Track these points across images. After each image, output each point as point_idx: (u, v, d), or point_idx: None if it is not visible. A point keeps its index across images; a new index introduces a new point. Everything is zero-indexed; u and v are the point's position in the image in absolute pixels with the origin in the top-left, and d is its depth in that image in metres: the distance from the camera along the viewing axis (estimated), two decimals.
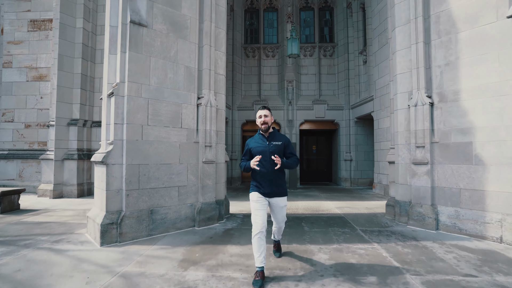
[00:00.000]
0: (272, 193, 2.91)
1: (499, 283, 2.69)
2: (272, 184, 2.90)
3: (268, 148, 2.91)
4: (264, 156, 2.87)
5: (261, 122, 2.95)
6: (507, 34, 3.87)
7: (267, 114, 2.95)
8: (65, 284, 2.67)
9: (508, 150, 3.84)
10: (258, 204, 2.87)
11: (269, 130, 3.00)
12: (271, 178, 2.89)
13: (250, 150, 3.01)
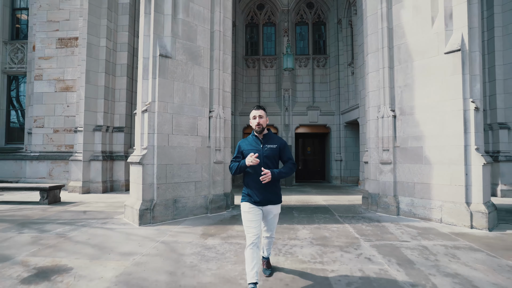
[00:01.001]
0: (265, 201, 2.63)
1: (422, 245, 3.92)
2: (265, 191, 2.61)
3: (262, 151, 2.63)
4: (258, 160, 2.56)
5: (256, 124, 2.67)
6: (445, 66, 5.11)
7: (261, 115, 2.70)
8: (125, 246, 3.92)
9: (447, 153, 5.08)
10: (251, 215, 2.61)
11: (264, 132, 2.74)
12: (264, 184, 2.58)
13: (242, 152, 2.73)
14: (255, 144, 2.71)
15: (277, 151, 2.71)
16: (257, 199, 2.61)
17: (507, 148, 8.21)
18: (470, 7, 5.00)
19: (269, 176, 2.50)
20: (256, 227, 2.57)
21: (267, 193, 2.63)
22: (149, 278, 2.92)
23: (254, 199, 2.62)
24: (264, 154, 2.63)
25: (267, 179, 2.50)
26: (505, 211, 6.15)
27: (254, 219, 2.59)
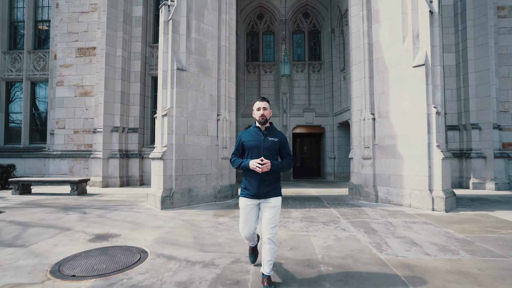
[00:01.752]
0: (263, 194, 2.57)
1: (388, 221, 4.99)
2: (263, 184, 2.56)
3: (263, 143, 2.59)
4: (257, 152, 2.58)
5: (260, 115, 2.63)
6: (413, 77, 6.18)
7: (266, 107, 2.65)
8: (154, 222, 4.99)
9: (415, 150, 6.15)
10: (246, 211, 2.65)
11: (266, 124, 2.69)
12: (264, 177, 2.54)
13: (243, 144, 2.70)
14: (257, 136, 2.65)
15: (278, 145, 2.66)
16: (255, 192, 2.57)
17: (479, 146, 9.27)
18: (432, 29, 6.06)
19: (268, 166, 2.46)
20: (251, 224, 2.68)
21: (265, 186, 2.56)
22: (179, 240, 4.00)
23: (252, 192, 2.58)
24: (265, 146, 2.59)
25: (266, 168, 2.45)
26: (469, 199, 7.23)
27: (249, 218, 2.65)
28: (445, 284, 2.60)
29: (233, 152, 2.80)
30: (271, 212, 2.57)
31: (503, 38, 9.82)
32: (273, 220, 2.55)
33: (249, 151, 2.63)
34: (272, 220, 2.55)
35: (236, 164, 2.67)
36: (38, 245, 3.74)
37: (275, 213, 2.57)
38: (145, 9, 11.10)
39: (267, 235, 2.52)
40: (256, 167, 2.46)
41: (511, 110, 9.77)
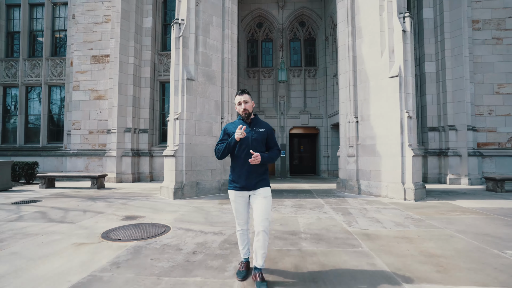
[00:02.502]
0: (252, 185, 2.54)
1: (363, 207, 6.04)
2: (251, 175, 2.52)
3: (250, 134, 2.55)
4: (245, 144, 2.52)
5: (242, 110, 2.58)
6: (389, 86, 7.22)
7: (246, 100, 2.58)
8: (169, 208, 6.03)
9: (390, 148, 7.19)
10: (237, 204, 2.61)
11: (251, 117, 2.65)
12: (251, 168, 2.51)
13: (229, 135, 2.63)
14: None
15: (265, 136, 2.61)
16: (243, 184, 2.52)
17: (455, 145, 10.30)
18: (405, 45, 7.10)
19: (258, 159, 2.42)
20: (243, 217, 2.64)
21: (253, 178, 2.52)
22: (192, 219, 5.04)
23: (240, 184, 2.54)
24: (253, 137, 2.53)
25: (257, 161, 2.42)
26: (441, 192, 8.26)
27: (240, 210, 2.60)
28: (388, 243, 3.65)
29: (217, 142, 2.66)
30: (262, 202, 2.50)
31: (478, 48, 10.85)
32: (264, 212, 2.48)
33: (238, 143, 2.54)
34: (264, 212, 2.48)
35: (221, 150, 2.56)
36: (83, 222, 4.80)
37: (266, 204, 2.51)
38: (154, 20, 12.15)
39: (260, 228, 2.46)
40: (240, 133, 2.40)
41: (485, 113, 10.79)
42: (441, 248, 3.44)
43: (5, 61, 13.21)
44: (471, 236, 3.94)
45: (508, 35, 10.77)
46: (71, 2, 12.73)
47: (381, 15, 7.48)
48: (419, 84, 11.31)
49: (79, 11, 12.36)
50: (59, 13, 13.33)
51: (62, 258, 3.16)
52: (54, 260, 3.11)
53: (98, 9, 12.33)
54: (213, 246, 3.61)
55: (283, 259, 3.15)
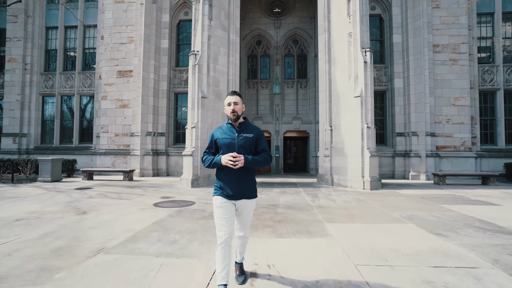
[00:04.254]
0: (239, 194, 2.38)
1: (329, 193, 8.40)
2: (238, 184, 2.37)
3: (236, 140, 2.39)
4: (231, 150, 2.35)
5: (230, 111, 2.42)
6: (354, 104, 9.56)
7: (237, 101, 2.44)
8: (190, 192, 8.41)
9: (354, 150, 9.52)
10: (222, 210, 2.37)
11: (239, 120, 2.48)
12: (238, 176, 2.36)
13: (216, 142, 2.47)
14: (230, 133, 2.45)
15: (253, 141, 2.45)
16: (230, 193, 2.36)
17: (416, 148, 12.61)
18: (366, 73, 9.43)
19: (241, 161, 2.25)
20: (228, 225, 2.36)
21: (240, 186, 2.38)
22: (208, 199, 7.41)
23: (226, 192, 2.37)
24: (239, 144, 2.39)
25: (240, 164, 2.25)
26: (397, 185, 10.58)
27: (225, 216, 2.35)
28: (330, 210, 6.02)
29: (204, 151, 2.55)
30: (245, 213, 2.48)
31: (438, 67, 13.14)
32: (246, 221, 2.52)
33: (223, 149, 2.42)
34: (246, 221, 2.52)
35: (207, 162, 2.43)
36: (135, 199, 7.19)
37: (250, 214, 2.51)
38: (169, 41, 14.52)
39: (240, 233, 2.54)
40: (228, 161, 2.25)
41: (443, 121, 13.08)
42: (359, 212, 5.81)
43: (44, 75, 15.65)
44: (384, 207, 6.30)
45: (462, 57, 13.07)
46: (99, 25, 15.14)
47: (349, 49, 9.83)
48: (390, 97, 13.65)
49: (107, 33, 14.75)
50: (89, 34, 15.75)
51: (137, 214, 5.54)
52: (133, 215, 5.49)
53: (123, 32, 14.71)
54: None
55: (264, 214, 5.53)
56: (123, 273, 2.83)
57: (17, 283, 2.63)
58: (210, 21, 10.11)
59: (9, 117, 15.26)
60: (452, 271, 2.89)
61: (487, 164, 13.02)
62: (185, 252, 3.44)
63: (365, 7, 9.83)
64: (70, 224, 4.74)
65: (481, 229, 4.44)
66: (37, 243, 3.74)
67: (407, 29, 12.99)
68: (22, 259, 3.20)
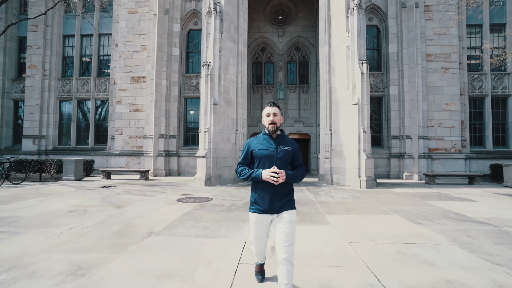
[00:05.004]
0: (276, 209, 2.32)
1: (329, 191, 9.41)
2: (276, 197, 2.30)
3: (275, 152, 2.33)
4: (270, 162, 2.31)
5: (269, 122, 2.37)
6: (352, 110, 10.55)
7: (276, 113, 2.39)
8: (204, 190, 9.42)
9: (352, 153, 10.52)
10: (257, 228, 2.42)
11: (277, 132, 2.43)
12: (276, 189, 2.29)
13: (252, 153, 2.41)
14: (268, 144, 2.38)
15: (291, 154, 2.39)
16: (266, 207, 2.32)
17: (410, 150, 13.61)
18: (363, 83, 10.43)
19: (283, 177, 2.20)
20: (262, 244, 2.49)
21: (278, 199, 2.31)
22: (223, 195, 8.42)
23: (262, 208, 2.33)
24: (278, 156, 2.33)
25: (281, 179, 2.19)
26: (392, 184, 11.57)
27: (260, 235, 2.43)
28: (330, 205, 7.02)
29: (239, 162, 2.48)
30: (286, 227, 2.26)
31: (431, 75, 14.14)
32: (288, 237, 2.24)
33: (260, 161, 2.35)
34: (288, 237, 2.24)
35: (245, 175, 2.35)
36: (159, 196, 8.20)
37: (291, 228, 2.26)
38: (180, 50, 15.52)
39: (283, 254, 2.21)
40: (270, 177, 2.18)
41: (436, 125, 14.08)
42: (355, 206, 6.82)
43: (61, 80, 16.67)
44: (376, 202, 7.31)
45: (453, 66, 14.07)
46: (114, 33, 16.15)
47: (347, 60, 10.84)
48: (387, 102, 14.66)
49: (121, 41, 15.75)
50: (103, 41, 16.76)
51: (165, 208, 6.54)
52: (162, 208, 6.49)
53: (136, 40, 15.71)
54: (239, 204, 6.99)
55: None
56: (176, 247, 3.84)
57: (102, 252, 3.64)
58: (221, 35, 11.12)
59: (29, 120, 16.27)
60: (420, 246, 3.90)
61: (476, 165, 14.03)
62: (217, 234, 4.45)
63: (362, 23, 10.83)
64: (115, 215, 5.74)
65: (452, 219, 5.45)
66: (98, 228, 4.74)
67: (402, 39, 13.99)
68: (95, 238, 4.21)
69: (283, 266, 2.21)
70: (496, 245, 3.96)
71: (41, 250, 3.65)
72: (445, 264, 3.27)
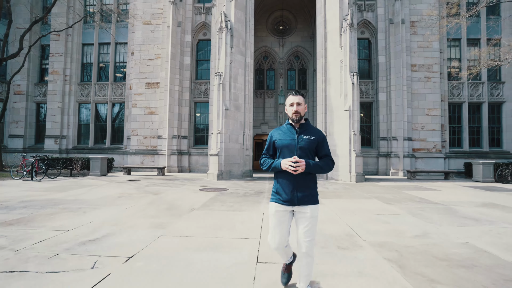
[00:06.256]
0: (296, 199, 2.21)
1: (325, 185, 11.13)
2: (296, 188, 2.20)
3: (296, 142, 2.24)
4: (290, 152, 2.23)
5: (293, 111, 2.28)
6: (345, 116, 12.29)
7: (300, 102, 2.29)
8: (218, 183, 11.08)
9: (344, 152, 12.25)
10: (275, 219, 2.29)
11: (301, 121, 2.32)
12: (297, 180, 2.19)
13: (274, 143, 2.35)
14: (289, 134, 2.30)
15: (315, 144, 2.28)
16: (286, 197, 2.22)
17: (396, 150, 15.37)
18: (353, 92, 12.15)
19: (302, 166, 2.10)
20: (281, 235, 2.31)
21: (298, 190, 2.20)
22: (236, 186, 10.09)
23: (283, 197, 2.24)
24: (299, 145, 2.23)
25: (300, 169, 2.10)
26: (378, 179, 13.32)
27: (279, 226, 2.29)
28: (325, 194, 8.73)
29: (263, 153, 2.43)
30: (307, 223, 2.21)
31: (415, 84, 15.91)
32: (309, 232, 2.21)
33: (281, 151, 2.29)
34: (308, 232, 2.21)
35: (266, 165, 2.30)
36: (182, 187, 9.84)
37: (312, 224, 2.22)
38: (191, 58, 17.15)
39: (303, 249, 2.23)
40: (288, 166, 2.12)
41: (419, 128, 15.85)
42: (344, 194, 8.53)
43: (81, 85, 18.23)
44: (362, 192, 9.02)
45: (435, 75, 15.87)
46: (130, 43, 17.74)
47: (340, 72, 12.56)
48: (376, 107, 16.42)
49: (137, 50, 17.35)
50: (120, 49, 18.35)
51: (194, 195, 8.20)
52: (191, 195, 8.15)
53: (150, 49, 17.32)
54: (251, 192, 8.67)
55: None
56: (215, 216, 5.50)
57: (166, 218, 5.29)
58: (231, 49, 12.80)
59: (51, 121, 17.81)
60: (385, 215, 5.61)
61: (454, 163, 15.84)
62: (241, 209, 6.12)
63: (354, 39, 12.56)
64: (157, 199, 7.39)
65: (416, 202, 7.18)
66: (151, 206, 6.39)
67: (390, 52, 15.77)
68: (154, 211, 5.86)
69: (304, 259, 2.25)
70: (437, 214, 5.69)
71: (125, 217, 5.31)
72: (396, 223, 4.99)
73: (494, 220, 5.31)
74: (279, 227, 2.28)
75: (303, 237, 2.21)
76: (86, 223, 4.75)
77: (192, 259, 3.22)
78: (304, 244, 2.21)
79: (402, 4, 15.62)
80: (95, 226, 4.60)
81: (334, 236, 4.19)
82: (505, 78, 16.22)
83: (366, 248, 3.68)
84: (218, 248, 3.60)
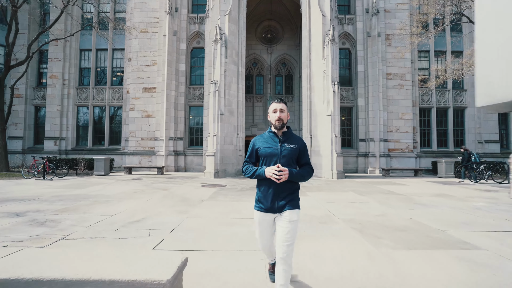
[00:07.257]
0: (278, 207, 2.25)
1: (309, 181, 12.67)
2: (278, 196, 2.25)
3: (279, 150, 2.27)
4: (273, 160, 2.26)
5: (276, 118, 2.30)
6: (327, 120, 13.86)
7: (283, 109, 2.33)
8: (216, 180, 12.39)
9: (327, 152, 13.81)
10: (261, 227, 2.38)
11: (283, 129, 2.35)
12: (279, 188, 2.23)
13: (257, 151, 2.35)
14: (272, 142, 2.32)
15: (296, 153, 2.32)
16: (268, 205, 2.27)
17: (373, 150, 17.13)
18: (335, 99, 13.73)
19: (286, 175, 2.15)
20: (267, 244, 2.44)
21: (281, 198, 2.25)
22: (233, 184, 11.41)
23: (265, 206, 2.28)
24: (282, 154, 2.26)
25: (284, 177, 2.14)
26: (357, 176, 14.98)
27: (264, 234, 2.40)
28: (309, 188, 10.23)
29: (245, 160, 2.44)
30: (285, 227, 2.20)
31: (390, 90, 17.73)
32: (287, 237, 2.18)
33: (264, 159, 2.31)
34: (287, 237, 2.18)
35: (249, 173, 2.32)
36: (184, 184, 11.09)
37: (291, 228, 2.19)
38: (186, 65, 18.31)
39: (280, 254, 2.16)
40: (272, 175, 2.14)
41: (394, 130, 17.68)
42: (325, 188, 10.04)
43: (79, 89, 19.01)
44: (341, 186, 10.57)
45: (407, 83, 17.75)
46: (127, 49, 18.71)
47: (323, 81, 14.13)
48: (356, 111, 18.14)
49: (134, 56, 18.33)
50: (117, 55, 19.27)
51: (197, 190, 9.48)
52: (196, 190, 9.43)
53: (147, 56, 18.34)
54: (247, 188, 10.03)
55: None
56: (222, 205, 6.84)
57: (183, 207, 6.58)
58: (225, 59, 14.12)
59: (50, 124, 18.51)
60: (357, 203, 7.13)
61: (424, 162, 17.79)
62: (242, 200, 7.49)
63: (335, 52, 14.15)
64: (168, 193, 8.63)
65: (384, 193, 8.78)
66: (165, 199, 7.65)
67: (368, 61, 17.52)
68: (171, 202, 7.14)
69: (280, 266, 2.14)
70: (398, 202, 7.27)
71: (149, 206, 6.57)
72: (365, 208, 6.51)
73: (438, 205, 6.93)
74: (264, 234, 2.40)
75: (282, 241, 2.17)
76: (121, 211, 5.98)
77: (217, 230, 4.57)
78: (282, 249, 2.15)
79: (378, 19, 17.40)
80: (130, 213, 5.85)
81: (316, 216, 5.64)
82: (467, 86, 18.34)
83: (339, 223, 5.15)
84: (233, 225, 4.96)
